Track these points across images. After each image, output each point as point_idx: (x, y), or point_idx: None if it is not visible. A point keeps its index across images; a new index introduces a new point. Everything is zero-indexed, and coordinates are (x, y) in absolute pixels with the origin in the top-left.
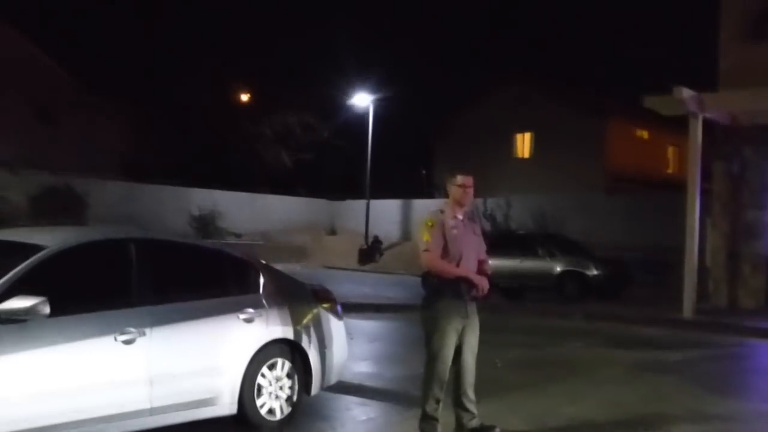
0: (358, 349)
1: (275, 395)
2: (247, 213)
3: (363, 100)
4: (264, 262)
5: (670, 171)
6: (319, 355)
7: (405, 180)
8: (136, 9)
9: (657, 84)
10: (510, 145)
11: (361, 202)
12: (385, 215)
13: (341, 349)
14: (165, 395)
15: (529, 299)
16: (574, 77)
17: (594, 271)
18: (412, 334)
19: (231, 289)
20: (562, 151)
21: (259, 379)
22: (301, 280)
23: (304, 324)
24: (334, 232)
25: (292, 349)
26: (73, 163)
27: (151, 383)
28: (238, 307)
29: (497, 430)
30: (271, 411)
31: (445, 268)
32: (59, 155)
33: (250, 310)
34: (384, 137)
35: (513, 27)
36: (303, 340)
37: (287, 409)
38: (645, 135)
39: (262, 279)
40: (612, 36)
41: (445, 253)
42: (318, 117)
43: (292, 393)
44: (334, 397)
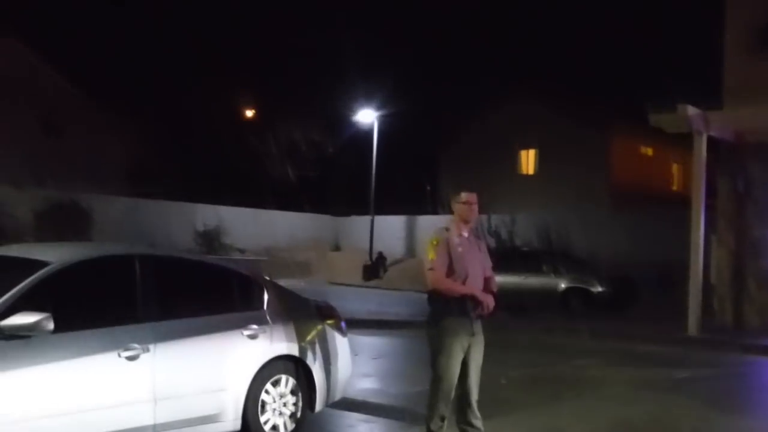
0: (362, 366)
1: (279, 412)
2: (252, 229)
3: (368, 116)
4: (268, 278)
5: (675, 188)
6: (324, 372)
7: (409, 196)
8: (142, 24)
9: (662, 101)
10: (514, 162)
11: (366, 218)
12: (390, 231)
13: (345, 366)
14: (169, 411)
15: (534, 316)
16: (578, 94)
17: (599, 288)
18: (416, 350)
19: (235, 306)
20: (566, 168)
21: (263, 396)
22: (305, 296)
23: (308, 340)
24: (338, 248)
25: (296, 366)
26: (79, 178)
27: (155, 400)
28: (242, 324)
29: None
30: (275, 427)
31: (450, 286)
32: (65, 169)
33: (254, 326)
34: (389, 153)
35: (518, 43)
36: (307, 356)
37: (291, 426)
38: (650, 152)
39: (266, 295)
40: (617, 53)
41: (451, 271)
42: (323, 133)
43: (296, 409)
44: (338, 414)
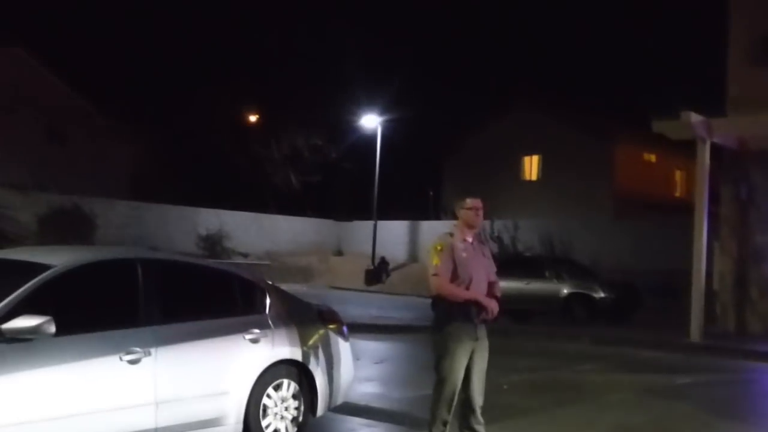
0: (364, 370)
1: (281, 416)
2: (254, 233)
3: (371, 121)
4: (270, 282)
5: (678, 194)
6: (325, 376)
7: (412, 201)
8: (145, 32)
9: (665, 108)
10: (518, 168)
11: (369, 223)
12: (393, 236)
13: (347, 370)
14: (170, 415)
15: (537, 322)
16: (582, 101)
17: (601, 294)
18: (418, 355)
19: (237, 310)
20: (569, 174)
21: (265, 400)
22: (308, 300)
23: (310, 345)
24: (340, 252)
25: (298, 370)
26: (83, 184)
27: (157, 403)
28: (244, 328)
29: None
30: (277, 431)
31: (454, 291)
32: (69, 176)
33: (256, 330)
34: (392, 159)
35: (522, 50)
36: (309, 360)
37: (293, 430)
38: (653, 158)
39: (268, 299)
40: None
41: (455, 277)
42: (326, 138)
43: (297, 414)
44: (340, 419)
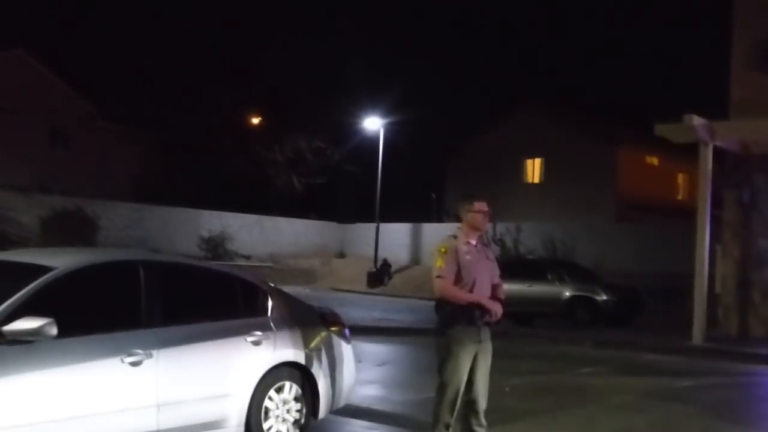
0: (366, 373)
1: (282, 418)
2: (257, 235)
3: (374, 124)
4: (272, 284)
5: (680, 198)
6: (327, 379)
7: (415, 204)
8: (149, 35)
9: (668, 111)
10: (520, 171)
11: (371, 225)
12: (395, 239)
13: (349, 373)
14: (172, 417)
15: (539, 325)
16: (585, 104)
17: (603, 297)
18: (420, 358)
19: (239, 312)
20: (572, 177)
21: (267, 402)
22: (310, 303)
23: (312, 347)
24: (343, 255)
25: (300, 373)
26: (86, 187)
27: (158, 405)
28: (246, 330)
29: None
30: None
31: (458, 294)
32: (72, 179)
33: (258, 332)
34: (395, 161)
35: (525, 54)
36: (311, 363)
37: None
38: (655, 162)
39: (270, 302)
40: (623, 64)
41: (459, 279)
42: (329, 141)
43: (299, 416)
44: (341, 421)
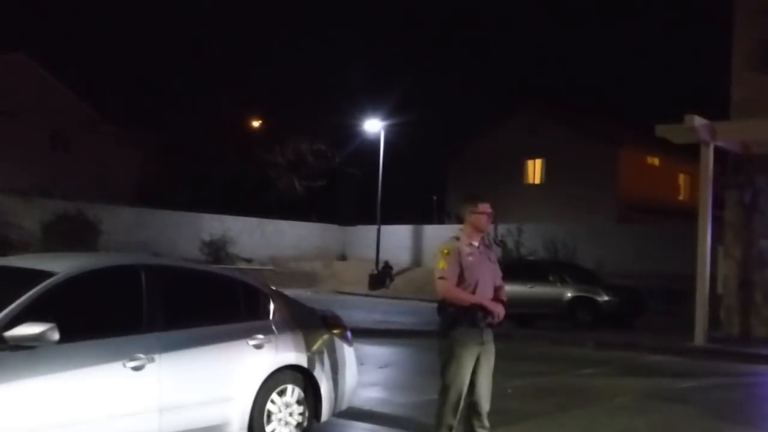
0: (368, 375)
1: (285, 422)
2: (258, 239)
3: (374, 126)
4: (274, 287)
5: (681, 198)
6: (329, 381)
7: (416, 206)
8: (150, 38)
9: (669, 112)
10: (521, 172)
11: (372, 227)
12: (396, 241)
13: (351, 375)
14: (174, 421)
15: (540, 326)
16: (586, 104)
17: (605, 298)
18: (422, 360)
19: (241, 315)
20: (573, 178)
21: (269, 406)
22: (311, 305)
23: (314, 350)
24: (344, 257)
25: (302, 376)
26: (87, 191)
27: (160, 409)
28: (247, 333)
29: None
30: None
31: (461, 295)
32: (73, 182)
33: (259, 336)
34: (395, 163)
35: (526, 54)
36: (313, 366)
37: None
38: (656, 162)
39: (272, 305)
40: (624, 64)
41: (461, 280)
42: (330, 143)
43: (302, 419)
44: (344, 424)
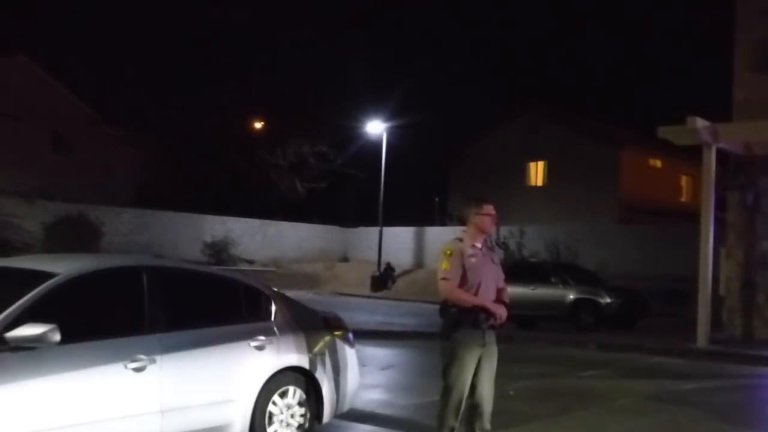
0: (370, 377)
1: (286, 423)
2: (260, 240)
3: (376, 128)
4: (276, 289)
5: (684, 200)
6: (331, 383)
7: (418, 208)
8: (151, 40)
9: (671, 113)
10: (523, 174)
11: (374, 229)
12: (398, 242)
13: (353, 377)
14: (176, 423)
15: (543, 328)
16: (588, 106)
17: (607, 300)
18: (424, 361)
19: (242, 317)
20: (575, 180)
21: (271, 407)
22: (313, 307)
23: (315, 351)
24: (346, 259)
25: (304, 377)
26: (89, 192)
27: (162, 411)
28: (249, 335)
29: None
30: None
31: (463, 297)
32: (75, 184)
33: (261, 337)
34: (397, 165)
35: (528, 56)
36: (315, 367)
37: None
38: (658, 164)
39: (273, 306)
40: (626, 66)
41: (464, 282)
42: (332, 145)
43: (303, 421)
44: (345, 426)
